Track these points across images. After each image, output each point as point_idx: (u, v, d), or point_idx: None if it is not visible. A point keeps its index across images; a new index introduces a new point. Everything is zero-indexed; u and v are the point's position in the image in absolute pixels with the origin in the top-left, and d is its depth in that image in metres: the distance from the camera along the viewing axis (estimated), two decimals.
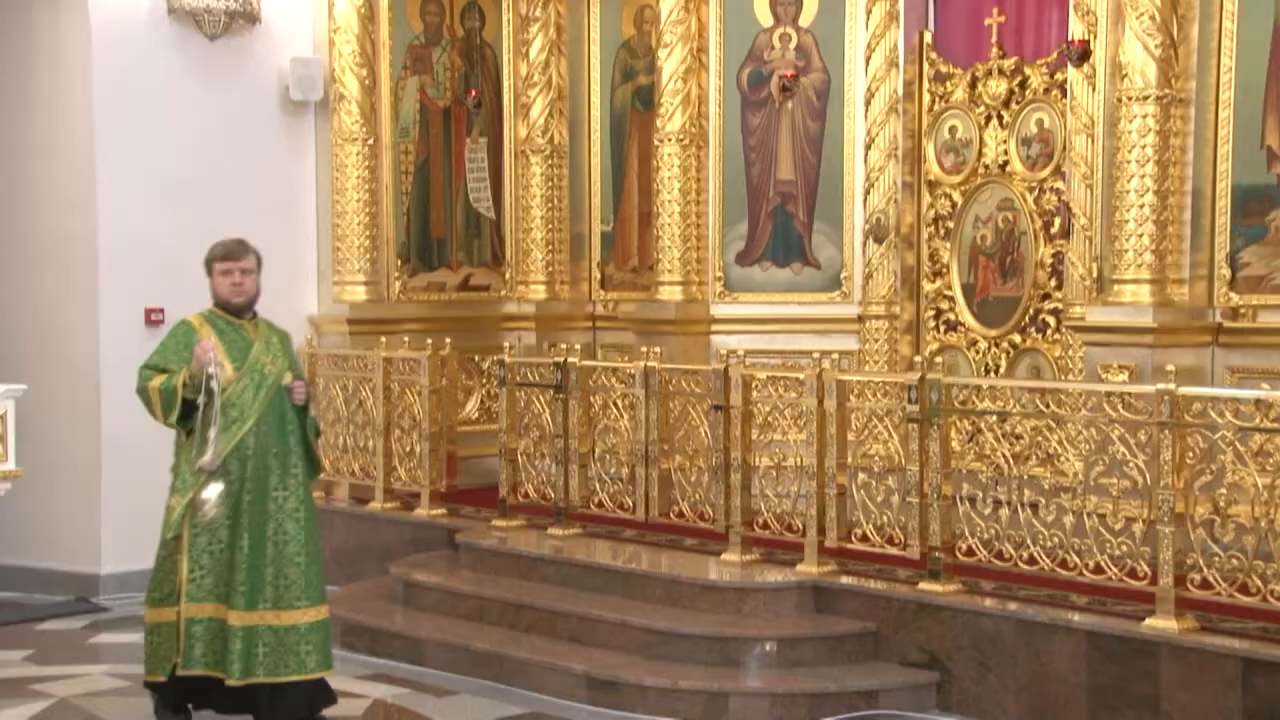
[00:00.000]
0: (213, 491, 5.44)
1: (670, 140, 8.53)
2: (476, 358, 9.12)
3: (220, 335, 5.63)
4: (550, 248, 9.51)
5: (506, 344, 8.46)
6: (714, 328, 8.56)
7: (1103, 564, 5.69)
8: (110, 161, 8.51)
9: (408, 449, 8.37)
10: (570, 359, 7.62)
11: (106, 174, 8.50)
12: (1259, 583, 5.23)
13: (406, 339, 8.56)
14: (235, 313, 5.73)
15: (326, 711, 5.75)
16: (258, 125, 9.08)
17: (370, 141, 9.07)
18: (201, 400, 5.41)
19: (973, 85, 8.01)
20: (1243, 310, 6.70)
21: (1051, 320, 7.63)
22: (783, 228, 8.60)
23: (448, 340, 8.47)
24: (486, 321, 9.53)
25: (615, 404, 7.48)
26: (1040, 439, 6.04)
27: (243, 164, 8.98)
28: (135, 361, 5.52)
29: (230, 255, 5.76)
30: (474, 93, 9.48)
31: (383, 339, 8.63)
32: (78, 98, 8.54)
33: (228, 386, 5.49)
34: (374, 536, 8.50)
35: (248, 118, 9.03)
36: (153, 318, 8.56)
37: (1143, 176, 6.67)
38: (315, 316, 9.27)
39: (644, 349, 7.63)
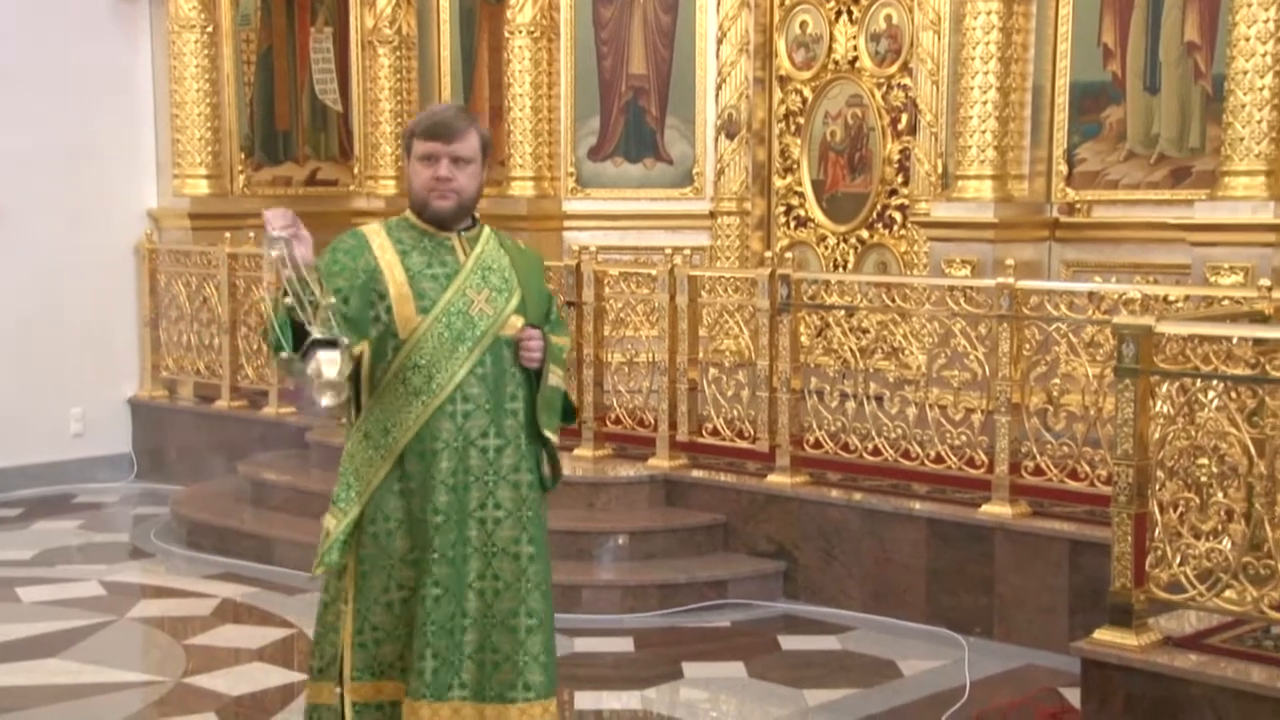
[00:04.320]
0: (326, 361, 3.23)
1: (521, 32, 8.37)
2: None
3: (404, 256, 3.48)
4: (399, 141, 9.26)
5: None
6: (566, 224, 8.52)
7: (943, 454, 5.87)
8: None
9: (255, 347, 8.22)
10: None
11: None
12: (1087, 468, 5.46)
13: (252, 234, 8.34)
14: (439, 221, 3.53)
15: None
16: (87, 9, 8.66)
17: (209, 29, 8.73)
18: (282, 312, 3.21)
19: None
20: (1078, 205, 6.88)
21: (898, 216, 7.76)
22: (635, 123, 8.55)
23: None
24: (335, 217, 9.26)
25: None
26: (886, 333, 6.18)
27: (72, 51, 8.57)
28: None
29: (439, 131, 3.46)
30: None
31: (227, 234, 8.42)
32: None
33: (410, 334, 3.44)
34: (220, 435, 8.35)
35: (76, 1, 8.61)
36: None
37: (986, 73, 6.76)
38: (155, 210, 8.96)
39: None
